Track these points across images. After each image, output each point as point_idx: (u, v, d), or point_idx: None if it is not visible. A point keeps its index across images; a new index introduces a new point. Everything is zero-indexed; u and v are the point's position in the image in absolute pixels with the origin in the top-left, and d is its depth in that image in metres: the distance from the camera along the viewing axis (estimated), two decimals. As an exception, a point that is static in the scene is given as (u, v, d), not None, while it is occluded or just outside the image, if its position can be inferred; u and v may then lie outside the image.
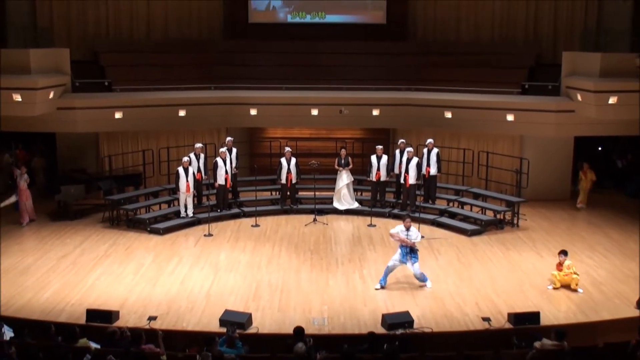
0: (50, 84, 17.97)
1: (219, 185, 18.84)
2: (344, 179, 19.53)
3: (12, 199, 18.07)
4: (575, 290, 13.85)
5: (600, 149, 23.61)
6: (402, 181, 19.10)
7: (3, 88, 16.94)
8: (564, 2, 22.17)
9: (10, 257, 15.71)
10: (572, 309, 13.12)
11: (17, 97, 17.02)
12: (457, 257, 16.01)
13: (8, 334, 11.15)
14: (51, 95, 18.06)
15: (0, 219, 17.55)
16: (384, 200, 19.67)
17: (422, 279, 14.15)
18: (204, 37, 23.04)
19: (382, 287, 14.03)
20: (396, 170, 19.39)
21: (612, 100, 17.60)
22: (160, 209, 19.08)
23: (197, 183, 18.84)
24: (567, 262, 14.05)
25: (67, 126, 19.16)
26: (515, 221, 18.51)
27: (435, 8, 23.10)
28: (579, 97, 18.56)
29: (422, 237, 14.27)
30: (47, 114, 18.25)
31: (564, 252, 14.21)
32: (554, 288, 14.01)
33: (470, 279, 14.64)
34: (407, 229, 13.97)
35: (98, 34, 22.19)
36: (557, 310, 13.03)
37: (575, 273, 13.96)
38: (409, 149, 19.00)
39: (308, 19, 23.32)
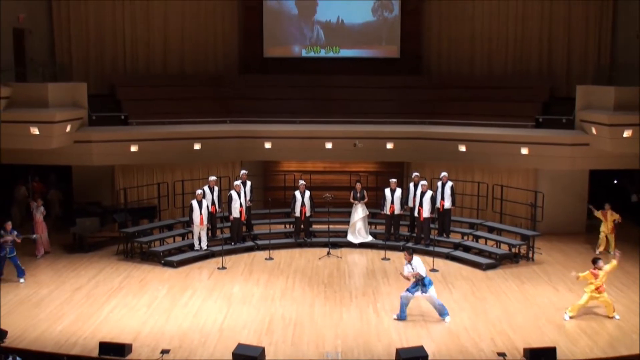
0: (67, 118, 18.16)
1: (234, 218, 18.87)
2: (360, 212, 19.50)
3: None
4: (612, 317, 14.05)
5: (615, 182, 23.47)
6: (416, 214, 19.07)
7: (21, 121, 17.15)
8: (577, 37, 22.33)
9: (24, 289, 15.78)
10: (589, 344, 12.95)
11: (35, 131, 17.20)
12: (472, 291, 15.89)
13: (21, 366, 11.16)
14: (68, 129, 18.25)
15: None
16: (398, 233, 19.62)
17: (441, 311, 14.03)
18: (219, 72, 23.36)
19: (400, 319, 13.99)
20: (410, 204, 19.36)
21: (627, 133, 17.55)
22: (174, 241, 19.12)
23: (212, 216, 18.89)
24: (605, 267, 14.25)
25: (83, 159, 19.31)
26: (530, 255, 18.39)
27: (449, 42, 23.35)
28: (594, 131, 18.53)
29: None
30: (64, 147, 18.42)
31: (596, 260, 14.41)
32: (571, 317, 13.96)
33: (486, 313, 14.51)
34: (409, 262, 13.99)
35: (115, 69, 22.56)
36: (573, 345, 12.87)
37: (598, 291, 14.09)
38: (423, 182, 19.01)
39: (322, 53, 23.56)
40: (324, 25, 23.50)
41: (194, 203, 18.29)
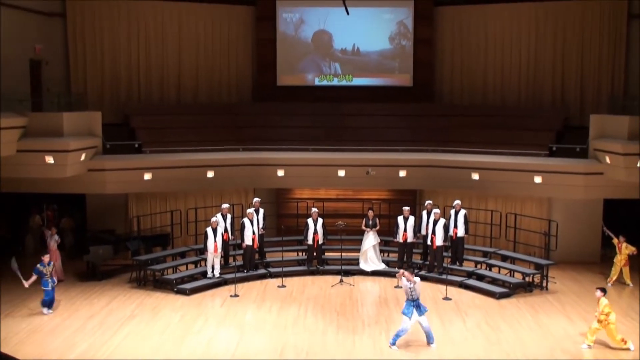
0: (81, 146, 18.31)
1: (246, 245, 18.89)
2: (371, 239, 19.49)
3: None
4: (626, 349, 13.86)
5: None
6: (429, 242, 19.02)
7: (36, 150, 17.32)
8: (591, 66, 22.36)
9: (37, 318, 15.80)
10: (605, 375, 12.83)
11: (50, 159, 17.34)
12: (486, 320, 15.77)
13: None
14: (82, 157, 18.38)
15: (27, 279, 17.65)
16: (411, 261, 19.55)
17: (429, 335, 14.08)
18: (232, 100, 23.55)
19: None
20: (423, 232, 19.32)
21: (641, 162, 17.49)
22: (187, 269, 19.12)
23: (224, 243, 18.91)
24: (602, 301, 14.00)
25: (96, 187, 19.41)
26: (544, 284, 18.25)
27: (461, 71, 23.47)
28: (608, 160, 18.47)
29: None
30: (78, 175, 18.54)
31: (601, 289, 14.24)
32: (589, 346, 13.91)
33: (499, 343, 14.38)
34: (409, 280, 14.06)
35: (130, 98, 22.79)
36: (588, 376, 12.76)
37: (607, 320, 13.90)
38: (436, 210, 18.97)
39: (335, 82, 23.70)
40: (339, 53, 23.65)
41: (209, 230, 18.34)
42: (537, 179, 19.43)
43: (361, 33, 23.64)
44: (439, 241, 18.67)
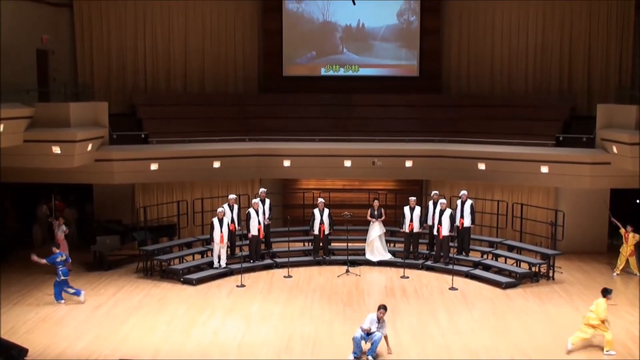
0: (88, 137, 18.33)
1: (252, 236, 18.92)
2: (377, 230, 19.49)
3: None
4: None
5: (638, 202, 23.20)
6: (435, 233, 19.02)
7: (43, 141, 17.36)
8: (598, 56, 22.27)
9: (45, 307, 15.88)
10: (611, 365, 12.81)
11: (57, 150, 17.37)
12: (492, 311, 15.78)
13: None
14: (89, 148, 18.41)
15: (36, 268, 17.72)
16: (417, 251, 19.56)
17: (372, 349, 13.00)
18: (239, 91, 23.52)
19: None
20: (429, 222, 19.32)
21: (649, 152, 17.41)
22: (193, 259, 19.17)
23: (231, 234, 18.94)
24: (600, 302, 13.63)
25: (103, 178, 19.44)
26: (550, 274, 18.25)
27: (468, 61, 23.35)
28: (615, 150, 18.41)
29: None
30: (85, 165, 18.58)
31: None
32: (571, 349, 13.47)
33: (506, 333, 14.38)
34: (379, 320, 13.15)
35: (136, 88, 22.79)
36: (595, 366, 12.75)
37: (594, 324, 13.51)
38: (443, 200, 18.97)
39: (342, 72, 23.65)
40: (345, 43, 23.54)
41: (215, 221, 18.37)
42: (544, 169, 19.38)
43: (368, 20, 23.50)
44: (445, 231, 18.68)
